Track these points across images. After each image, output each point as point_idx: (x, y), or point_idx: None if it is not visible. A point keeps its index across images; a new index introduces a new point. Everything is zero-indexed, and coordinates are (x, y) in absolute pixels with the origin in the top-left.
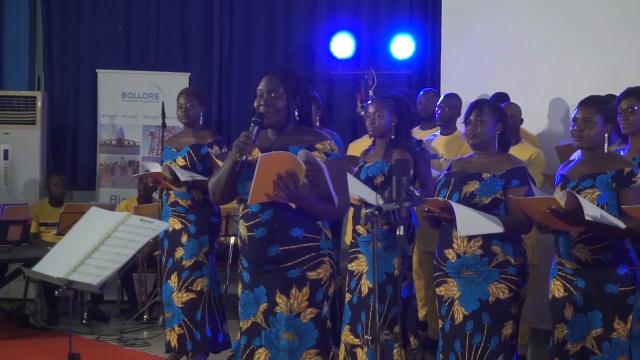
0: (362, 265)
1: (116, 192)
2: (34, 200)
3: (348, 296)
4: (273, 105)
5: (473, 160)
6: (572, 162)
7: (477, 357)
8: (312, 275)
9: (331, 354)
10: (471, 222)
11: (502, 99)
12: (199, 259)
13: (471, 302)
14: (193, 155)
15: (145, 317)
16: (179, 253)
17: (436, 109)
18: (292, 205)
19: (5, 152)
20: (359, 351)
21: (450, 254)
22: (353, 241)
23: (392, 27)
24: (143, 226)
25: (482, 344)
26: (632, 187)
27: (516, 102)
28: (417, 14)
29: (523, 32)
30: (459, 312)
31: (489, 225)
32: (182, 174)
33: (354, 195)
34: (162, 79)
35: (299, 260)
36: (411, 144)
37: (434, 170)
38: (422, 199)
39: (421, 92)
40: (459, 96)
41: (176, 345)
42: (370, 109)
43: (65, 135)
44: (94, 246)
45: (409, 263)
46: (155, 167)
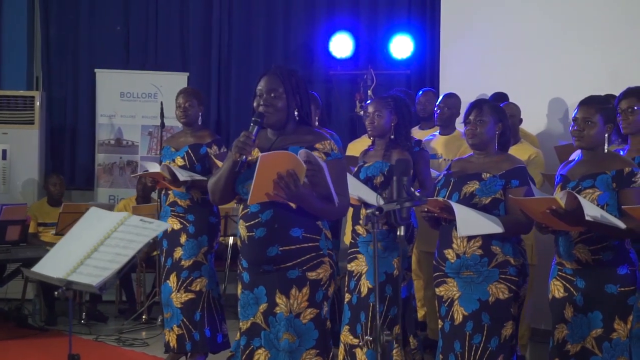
0: (361, 266)
1: (115, 192)
2: (32, 200)
3: (347, 296)
4: (273, 105)
5: (472, 160)
6: (572, 162)
7: (476, 357)
8: (312, 275)
9: (331, 354)
10: (471, 223)
11: (501, 99)
12: (198, 259)
13: (471, 302)
14: (192, 155)
15: (143, 317)
16: (178, 253)
17: (435, 108)
18: (292, 205)
19: (4, 152)
20: (358, 351)
21: (450, 254)
22: (352, 241)
23: (391, 26)
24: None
25: (481, 344)
26: (632, 187)
27: (515, 102)
28: (416, 13)
29: (523, 32)
30: (459, 313)
31: (488, 226)
32: (181, 174)
33: (354, 196)
34: (161, 78)
35: (299, 260)
36: (411, 143)
37: (433, 170)
38: (423, 199)
39: (420, 92)
40: (458, 96)
41: (175, 346)
42: (370, 108)
43: (64, 135)
44: (93, 246)
45: (408, 263)
46: (154, 167)
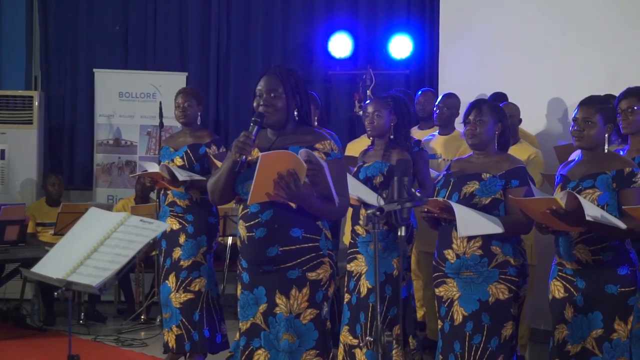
0: (361, 266)
1: (113, 192)
2: (31, 200)
3: (347, 297)
4: (272, 105)
5: (472, 161)
6: (572, 163)
7: (476, 357)
8: (312, 275)
9: (331, 354)
10: (471, 223)
11: (500, 99)
12: (196, 259)
13: (471, 302)
14: (191, 155)
15: (142, 317)
16: (177, 253)
17: (434, 108)
18: (292, 205)
19: (2, 151)
20: (357, 352)
21: (450, 254)
22: (352, 241)
23: (389, 26)
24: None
25: (481, 345)
26: (633, 187)
27: (515, 102)
28: (415, 13)
29: (522, 32)
30: (459, 313)
31: (489, 226)
32: (180, 174)
33: (353, 196)
34: (160, 78)
35: (299, 260)
36: (410, 144)
37: (432, 170)
38: (423, 199)
39: (419, 92)
40: (457, 96)
41: (174, 346)
42: (369, 108)
43: (63, 135)
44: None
45: (407, 263)
46: (153, 167)
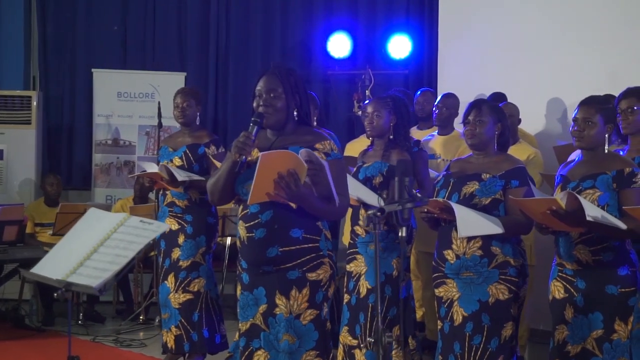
0: (360, 266)
1: (112, 192)
2: (29, 200)
3: (346, 297)
4: (272, 106)
5: (472, 161)
6: (572, 163)
7: (476, 358)
8: (312, 276)
9: (331, 355)
10: (471, 223)
11: (499, 99)
12: (196, 260)
13: (471, 303)
14: (190, 155)
15: (141, 317)
16: (176, 254)
17: (434, 109)
18: (292, 206)
19: (1, 152)
20: (357, 352)
21: (450, 254)
22: (351, 242)
23: (389, 26)
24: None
25: (481, 345)
26: (633, 187)
27: (514, 102)
28: (414, 13)
29: (521, 32)
30: (459, 313)
31: (488, 226)
32: (179, 174)
33: (353, 196)
34: (158, 78)
35: (299, 261)
36: (409, 144)
37: (432, 171)
38: (424, 200)
39: (418, 92)
40: (456, 96)
41: (173, 346)
42: (369, 108)
43: (61, 135)
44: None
45: (406, 264)
46: (152, 167)
